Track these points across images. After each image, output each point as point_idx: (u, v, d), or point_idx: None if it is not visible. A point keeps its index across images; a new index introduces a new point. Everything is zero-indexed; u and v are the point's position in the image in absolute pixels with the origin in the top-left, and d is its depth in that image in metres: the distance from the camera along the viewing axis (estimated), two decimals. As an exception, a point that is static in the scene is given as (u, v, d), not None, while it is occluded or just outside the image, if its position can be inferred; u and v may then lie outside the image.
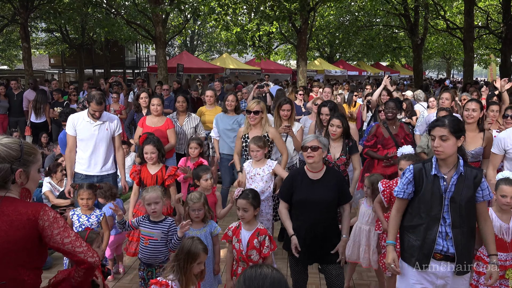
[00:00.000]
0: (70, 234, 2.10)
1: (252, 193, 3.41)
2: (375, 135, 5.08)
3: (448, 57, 36.51)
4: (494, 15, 23.46)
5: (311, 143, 3.31)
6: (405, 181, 2.80)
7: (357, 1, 21.12)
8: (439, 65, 58.22)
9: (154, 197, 3.45)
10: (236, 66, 22.74)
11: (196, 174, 4.20)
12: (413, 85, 16.68)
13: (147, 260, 3.50)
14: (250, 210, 3.33)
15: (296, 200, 3.37)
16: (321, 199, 3.29)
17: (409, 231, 2.84)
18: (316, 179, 3.35)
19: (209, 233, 3.58)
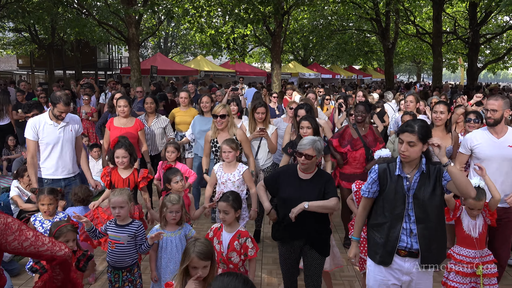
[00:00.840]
0: (28, 236, 2.01)
1: (232, 195, 3.40)
2: (342, 135, 5.18)
3: (418, 61, 37.46)
4: (461, 21, 24.27)
5: (307, 151, 3.26)
6: (370, 180, 2.92)
7: (330, 6, 21.42)
8: (409, 69, 59.64)
9: (119, 201, 3.39)
10: (210, 69, 22.68)
11: (166, 177, 4.16)
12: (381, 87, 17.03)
13: (113, 264, 3.46)
14: (231, 213, 3.33)
15: (283, 196, 3.39)
16: (307, 199, 3.27)
17: (374, 229, 2.95)
18: (305, 179, 3.38)
19: (183, 235, 3.56)
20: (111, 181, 4.14)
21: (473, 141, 3.81)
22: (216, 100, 9.85)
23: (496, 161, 3.72)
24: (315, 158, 3.29)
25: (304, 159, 3.27)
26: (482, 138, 3.78)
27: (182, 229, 3.57)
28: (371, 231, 2.97)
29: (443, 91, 13.80)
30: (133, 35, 13.76)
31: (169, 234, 3.52)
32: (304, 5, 15.29)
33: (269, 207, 3.38)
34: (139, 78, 14.06)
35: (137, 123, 5.62)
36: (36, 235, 2.05)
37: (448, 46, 25.83)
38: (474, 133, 3.91)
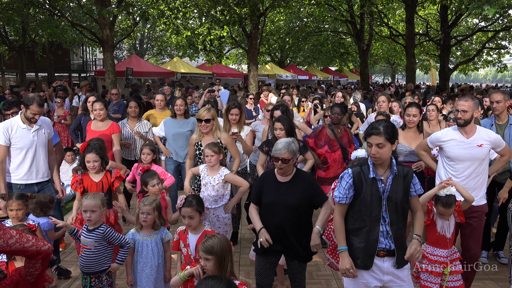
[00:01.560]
0: (12, 234, 2.04)
1: (195, 200, 3.38)
2: (318, 135, 5.21)
3: (393, 62, 38.21)
4: (433, 23, 24.90)
5: (284, 155, 3.21)
6: (346, 185, 2.85)
7: (306, 7, 21.63)
8: (384, 70, 60.75)
9: (91, 205, 3.31)
10: (187, 70, 22.55)
11: (143, 180, 4.11)
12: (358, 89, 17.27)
13: (82, 268, 3.40)
14: (196, 217, 3.32)
15: (264, 202, 3.37)
16: (288, 202, 3.26)
17: (353, 234, 2.91)
18: (284, 182, 3.34)
19: (159, 239, 3.53)
20: (84, 188, 4.04)
21: (443, 139, 3.91)
22: (193, 101, 9.82)
23: (464, 160, 3.81)
24: (292, 160, 3.27)
25: (281, 163, 3.23)
26: (452, 137, 3.87)
27: (159, 233, 3.54)
28: (349, 236, 2.92)
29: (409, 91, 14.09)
30: (108, 36, 13.55)
31: (144, 238, 3.47)
32: (280, 7, 15.39)
33: (260, 226, 3.29)
34: (114, 81, 13.85)
35: (112, 127, 5.53)
36: (20, 233, 2.09)
37: (421, 47, 26.44)
38: (444, 131, 3.99)
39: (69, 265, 4.76)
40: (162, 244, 3.54)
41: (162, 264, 3.52)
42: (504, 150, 3.91)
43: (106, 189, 4.04)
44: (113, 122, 5.66)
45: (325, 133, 5.21)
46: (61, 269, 4.51)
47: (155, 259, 3.47)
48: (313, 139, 5.19)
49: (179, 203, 3.40)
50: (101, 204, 3.39)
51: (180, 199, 3.41)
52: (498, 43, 23.41)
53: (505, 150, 3.91)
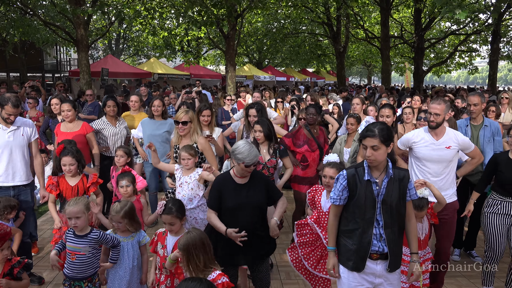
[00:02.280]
0: None
1: (175, 206, 3.34)
2: (295, 135, 5.24)
3: (369, 64, 38.83)
4: (408, 26, 25.42)
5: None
6: (340, 187, 2.86)
7: (283, 9, 21.76)
8: (361, 71, 61.65)
9: (74, 212, 3.24)
10: (164, 71, 22.34)
11: (116, 182, 4.05)
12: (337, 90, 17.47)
13: (74, 276, 3.30)
14: (176, 223, 3.30)
15: (229, 206, 3.34)
16: (254, 203, 3.32)
17: (346, 235, 2.91)
18: (243, 183, 3.38)
19: (136, 242, 3.49)
20: (60, 192, 3.96)
21: (414, 140, 3.98)
22: (170, 103, 9.73)
23: (434, 162, 3.90)
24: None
25: (252, 167, 3.32)
26: (423, 139, 3.94)
27: (136, 235, 3.50)
28: (342, 237, 2.94)
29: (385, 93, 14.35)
30: (82, 36, 13.30)
31: (121, 239, 3.44)
32: (258, 9, 15.43)
33: (224, 228, 3.27)
34: (89, 81, 13.61)
35: (84, 127, 5.43)
36: None
37: (396, 50, 26.96)
38: (415, 132, 4.07)
39: (42, 270, 4.65)
40: (139, 247, 3.50)
41: (137, 267, 3.48)
42: (474, 152, 4.01)
43: (82, 193, 3.96)
44: (84, 122, 5.55)
45: (302, 133, 5.24)
46: (34, 275, 4.39)
47: (129, 262, 3.42)
48: (290, 139, 5.22)
49: (159, 210, 3.36)
50: (85, 209, 3.33)
51: (160, 206, 3.36)
52: (470, 46, 24.08)
53: (474, 152, 4.01)
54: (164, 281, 3.28)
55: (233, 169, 3.43)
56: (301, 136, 5.24)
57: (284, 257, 5.08)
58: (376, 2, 20.04)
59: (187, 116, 4.50)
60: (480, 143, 4.81)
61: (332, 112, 8.26)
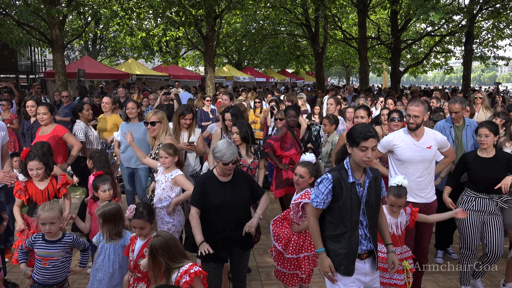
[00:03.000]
0: None
1: (146, 210, 3.29)
2: (283, 138, 5.25)
3: (347, 65, 39.26)
4: (384, 27, 25.82)
5: (236, 158, 3.37)
6: (325, 191, 2.79)
7: (262, 10, 21.82)
8: (339, 72, 62.30)
9: (50, 217, 3.18)
10: (142, 72, 22.07)
11: (95, 185, 3.98)
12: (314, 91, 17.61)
13: (45, 281, 3.23)
14: (146, 227, 3.27)
15: (214, 204, 3.36)
16: (238, 200, 3.40)
17: (333, 240, 2.85)
18: (226, 181, 3.44)
19: (120, 246, 3.45)
20: (29, 196, 3.84)
21: (395, 143, 4.02)
22: (149, 104, 9.63)
23: (416, 163, 3.93)
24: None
25: (231, 165, 3.36)
26: (403, 141, 3.95)
27: (121, 239, 3.47)
28: (330, 243, 2.87)
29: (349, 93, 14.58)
30: (57, 36, 13.03)
31: (106, 241, 3.44)
32: (236, 9, 15.41)
33: (201, 240, 3.23)
34: (64, 82, 13.33)
35: (55, 129, 5.32)
36: None
37: (373, 51, 27.34)
38: (395, 134, 4.07)
39: (17, 276, 4.53)
40: (123, 250, 3.45)
41: (118, 272, 3.42)
42: (448, 151, 4.09)
43: (53, 196, 3.87)
44: (57, 125, 5.44)
45: (289, 136, 5.27)
46: (8, 282, 4.27)
47: (109, 265, 3.38)
48: (278, 142, 5.21)
49: (129, 214, 3.30)
50: (60, 214, 3.26)
51: (130, 210, 3.30)
52: (445, 47, 24.62)
53: (449, 151, 4.09)
54: (132, 284, 3.25)
55: (216, 168, 3.46)
56: (288, 139, 5.27)
57: (265, 258, 5.09)
58: (353, 4, 20.30)
59: (156, 116, 4.45)
60: (463, 142, 4.93)
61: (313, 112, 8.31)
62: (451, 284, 4.57)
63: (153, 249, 2.69)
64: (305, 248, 3.61)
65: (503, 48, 22.69)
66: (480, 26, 22.04)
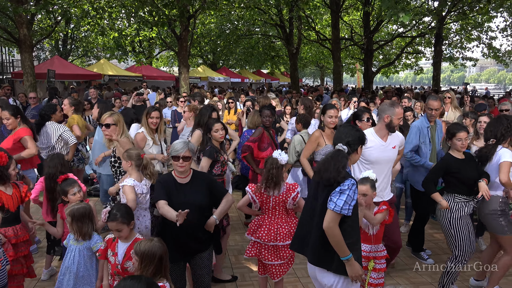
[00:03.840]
0: None
1: (120, 211, 3.21)
2: (261, 138, 5.25)
3: (321, 65, 39.64)
4: (357, 28, 26.22)
5: (185, 153, 3.26)
6: (355, 196, 2.73)
7: (236, 11, 21.79)
8: (314, 72, 62.86)
9: None
10: (115, 73, 21.67)
11: (62, 189, 3.87)
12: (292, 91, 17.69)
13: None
14: (123, 229, 3.19)
15: (171, 206, 3.20)
16: (193, 202, 3.24)
17: (351, 248, 2.75)
18: (185, 183, 3.34)
19: (85, 248, 3.39)
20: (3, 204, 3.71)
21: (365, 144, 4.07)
22: (121, 105, 9.46)
23: (383, 163, 4.00)
24: (191, 159, 3.31)
25: (182, 162, 3.26)
26: (373, 142, 3.97)
27: (87, 241, 3.41)
28: (351, 250, 2.75)
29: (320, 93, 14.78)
30: (25, 36, 12.65)
31: (73, 243, 3.39)
32: (210, 9, 15.34)
33: (174, 212, 3.08)
34: (33, 83, 12.97)
35: (18, 132, 5.14)
36: None
37: (347, 51, 27.72)
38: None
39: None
40: (92, 252, 3.41)
41: (84, 274, 3.37)
42: (401, 150, 4.26)
43: (20, 201, 3.74)
44: (20, 128, 5.21)
45: (266, 136, 5.29)
46: None
47: (74, 268, 3.33)
48: (256, 143, 5.20)
49: (103, 218, 3.26)
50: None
51: (104, 213, 3.25)
52: (415, 48, 25.19)
53: (401, 150, 4.27)
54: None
55: (173, 170, 3.38)
56: (265, 139, 5.28)
57: (239, 259, 5.07)
58: (326, 5, 20.52)
59: (111, 118, 4.28)
60: (436, 143, 5.03)
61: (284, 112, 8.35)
62: (423, 279, 4.66)
63: (143, 255, 2.64)
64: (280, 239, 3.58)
65: (471, 50, 23.43)
66: (449, 28, 22.66)
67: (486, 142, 4.14)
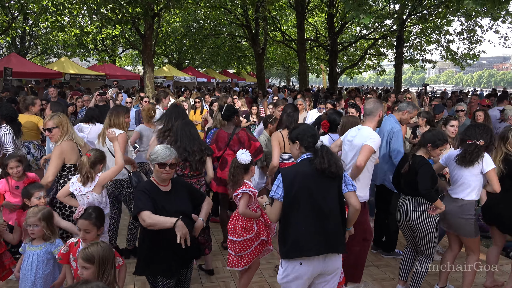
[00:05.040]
0: None
1: (95, 212, 3.16)
2: (217, 139, 5.22)
3: (287, 66, 39.99)
4: (322, 30, 26.60)
5: (173, 160, 3.12)
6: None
7: (202, 10, 21.63)
8: (280, 73, 63.32)
9: None
10: (77, 71, 21.00)
11: (27, 192, 3.70)
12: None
13: None
14: (93, 231, 3.10)
15: (165, 214, 3.03)
16: (182, 210, 3.13)
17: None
18: (168, 191, 3.20)
19: (45, 251, 3.29)
20: None
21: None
22: (83, 105, 9.18)
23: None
24: (177, 165, 3.22)
25: (169, 169, 3.11)
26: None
27: (47, 244, 3.31)
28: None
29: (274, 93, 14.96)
30: (-21, 32, 12.08)
31: (31, 248, 3.28)
32: (175, 8, 15.15)
33: (173, 219, 2.94)
34: (-12, 82, 12.40)
35: None
36: None
37: (312, 52, 28.07)
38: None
39: None
40: (53, 256, 3.31)
41: (42, 279, 3.26)
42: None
43: None
44: None
45: (223, 135, 5.23)
46: None
47: (31, 273, 3.23)
48: (214, 145, 5.18)
49: (77, 214, 3.16)
50: None
51: (79, 210, 3.19)
52: (378, 50, 25.84)
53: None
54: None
55: (152, 177, 3.20)
56: (223, 138, 5.24)
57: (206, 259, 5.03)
58: (292, 6, 20.71)
59: (52, 122, 4.05)
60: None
61: (250, 112, 8.37)
62: (385, 276, 4.79)
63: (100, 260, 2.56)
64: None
65: (430, 52, 24.26)
66: (410, 31, 23.38)
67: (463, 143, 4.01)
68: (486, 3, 7.75)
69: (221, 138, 5.20)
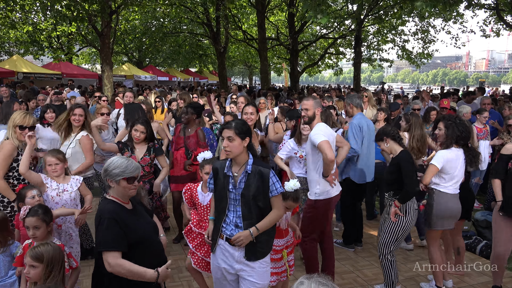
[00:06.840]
0: None
1: (42, 209, 3.11)
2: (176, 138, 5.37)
3: (249, 64, 40.10)
4: (283, 29, 26.86)
5: (140, 173, 2.81)
6: (210, 175, 3.19)
7: (161, 7, 21.29)
8: (242, 71, 63.38)
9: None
10: (30, 70, 20.17)
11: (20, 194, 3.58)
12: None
13: None
14: (42, 227, 3.05)
15: (136, 241, 2.66)
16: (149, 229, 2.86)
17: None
18: (131, 209, 2.83)
19: (7, 255, 3.22)
20: None
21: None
22: (38, 105, 8.85)
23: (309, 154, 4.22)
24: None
25: (137, 183, 2.79)
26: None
27: (8, 248, 3.24)
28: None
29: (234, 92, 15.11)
30: None
31: None
32: (134, 5, 14.84)
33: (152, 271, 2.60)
34: None
35: None
36: None
37: (273, 51, 28.30)
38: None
39: None
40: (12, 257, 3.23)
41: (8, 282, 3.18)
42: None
43: None
44: None
45: (180, 135, 5.34)
46: None
47: None
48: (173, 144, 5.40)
49: (22, 213, 3.07)
50: None
51: (24, 209, 3.10)
52: (337, 49, 26.38)
53: None
54: None
55: (112, 196, 2.74)
56: (179, 139, 5.41)
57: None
58: (252, 5, 20.79)
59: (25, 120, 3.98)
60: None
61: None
62: (345, 269, 4.92)
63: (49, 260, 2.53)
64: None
65: (387, 51, 25.03)
66: (367, 31, 24.02)
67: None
68: (437, 5, 8.11)
69: (179, 138, 5.35)
